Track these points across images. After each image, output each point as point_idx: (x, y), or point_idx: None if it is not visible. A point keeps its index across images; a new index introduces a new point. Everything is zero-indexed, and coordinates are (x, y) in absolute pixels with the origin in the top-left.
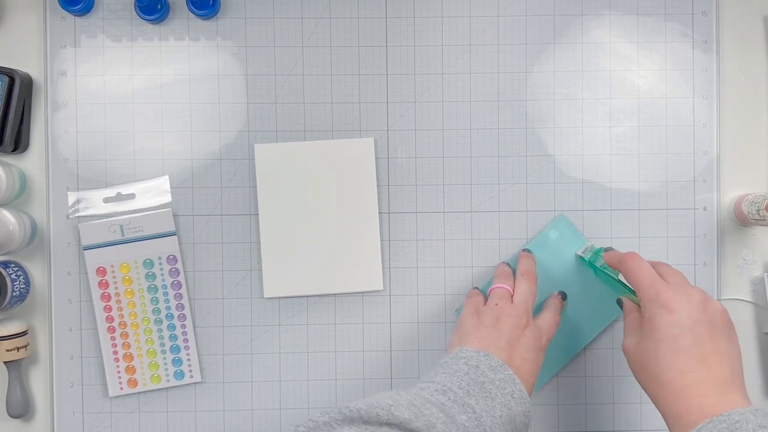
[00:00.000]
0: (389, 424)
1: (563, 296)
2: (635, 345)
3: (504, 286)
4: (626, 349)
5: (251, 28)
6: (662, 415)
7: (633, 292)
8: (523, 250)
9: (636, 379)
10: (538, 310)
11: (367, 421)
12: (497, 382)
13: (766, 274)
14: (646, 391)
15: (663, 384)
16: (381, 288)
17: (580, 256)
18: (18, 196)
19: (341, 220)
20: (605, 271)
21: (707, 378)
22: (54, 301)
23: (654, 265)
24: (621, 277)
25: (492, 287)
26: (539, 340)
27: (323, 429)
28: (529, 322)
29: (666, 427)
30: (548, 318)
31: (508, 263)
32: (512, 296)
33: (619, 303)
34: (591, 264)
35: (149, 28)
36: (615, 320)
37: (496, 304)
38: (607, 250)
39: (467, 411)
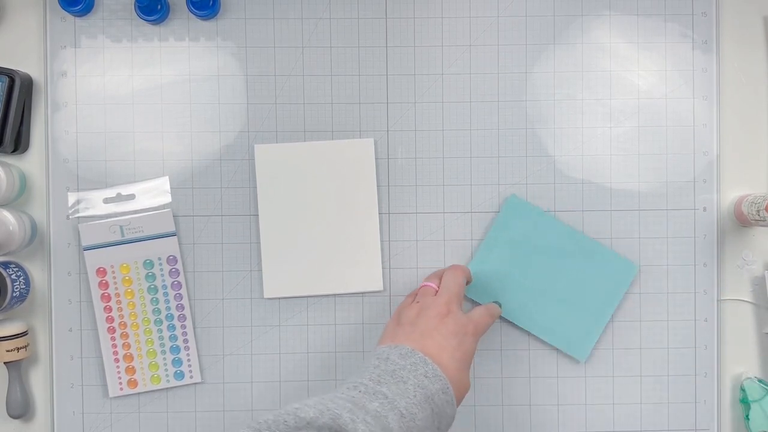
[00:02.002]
0: (297, 428)
1: (499, 305)
2: None
3: (428, 284)
4: None
5: (251, 29)
6: None
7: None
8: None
9: None
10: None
11: (275, 431)
12: (408, 367)
13: (766, 272)
14: None
15: None
16: (381, 288)
17: None
18: (18, 197)
19: (341, 221)
20: None
21: None
22: (54, 302)
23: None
24: None
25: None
26: (464, 327)
27: None
28: (452, 311)
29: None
30: (481, 310)
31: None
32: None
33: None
34: None
35: (149, 28)
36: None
37: (417, 302)
38: None
39: (379, 398)
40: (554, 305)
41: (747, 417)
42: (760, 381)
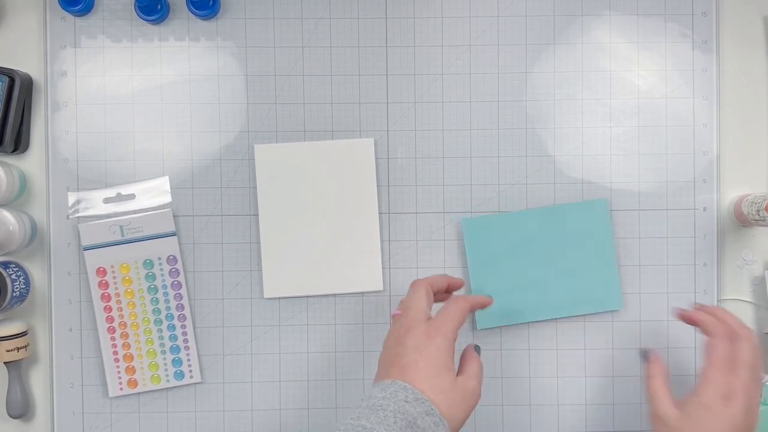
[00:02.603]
0: None
1: (477, 350)
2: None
3: (395, 312)
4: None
5: (251, 29)
6: None
7: None
8: None
9: None
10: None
11: None
12: (388, 396)
13: (766, 272)
14: None
15: None
16: (381, 288)
17: None
18: (18, 197)
19: (341, 221)
20: None
21: None
22: (54, 302)
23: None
24: None
25: None
26: (427, 333)
27: None
28: (414, 323)
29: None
30: (446, 308)
31: None
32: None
33: (645, 356)
34: None
35: (149, 28)
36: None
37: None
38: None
39: (359, 430)
40: (563, 281)
41: None
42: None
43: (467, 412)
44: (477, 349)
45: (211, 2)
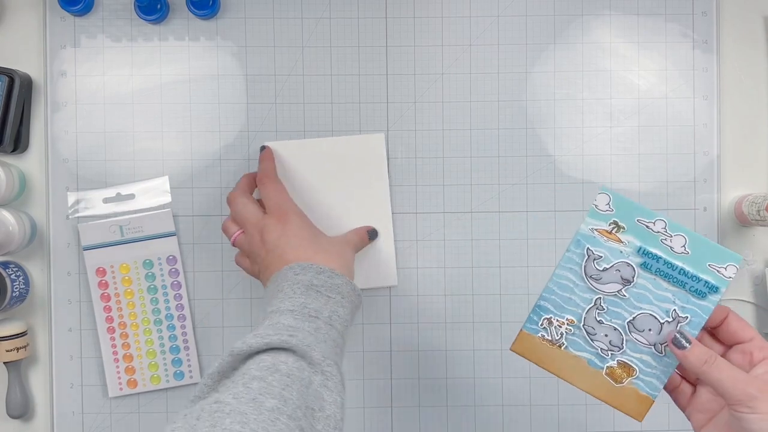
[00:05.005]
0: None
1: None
2: None
3: (235, 234)
4: None
5: (251, 28)
6: None
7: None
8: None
9: None
10: None
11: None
12: (280, 281)
13: (767, 269)
14: None
15: None
16: (395, 284)
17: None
18: (18, 197)
19: (352, 217)
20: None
21: None
22: (54, 302)
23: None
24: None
25: None
26: (279, 219)
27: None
28: (260, 224)
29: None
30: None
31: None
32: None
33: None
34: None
35: (149, 28)
36: None
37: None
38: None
39: (269, 316)
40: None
41: None
42: None
43: (348, 263)
44: (371, 233)
45: (210, 2)
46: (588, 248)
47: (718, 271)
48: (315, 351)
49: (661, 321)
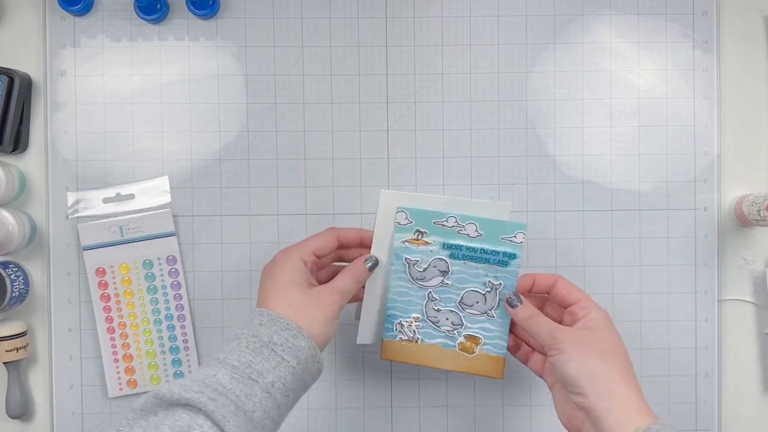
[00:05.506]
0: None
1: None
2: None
3: None
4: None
5: (251, 28)
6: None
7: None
8: None
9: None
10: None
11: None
12: (245, 327)
13: (767, 269)
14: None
15: None
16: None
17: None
18: (17, 197)
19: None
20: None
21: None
22: (53, 302)
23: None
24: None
25: None
26: (273, 261)
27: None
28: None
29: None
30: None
31: None
32: None
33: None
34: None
35: (149, 28)
36: None
37: None
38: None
39: (212, 363)
40: None
41: None
42: None
43: (326, 318)
44: (371, 263)
45: (210, 2)
46: (405, 258)
47: (510, 240)
48: (230, 425)
49: (483, 292)
